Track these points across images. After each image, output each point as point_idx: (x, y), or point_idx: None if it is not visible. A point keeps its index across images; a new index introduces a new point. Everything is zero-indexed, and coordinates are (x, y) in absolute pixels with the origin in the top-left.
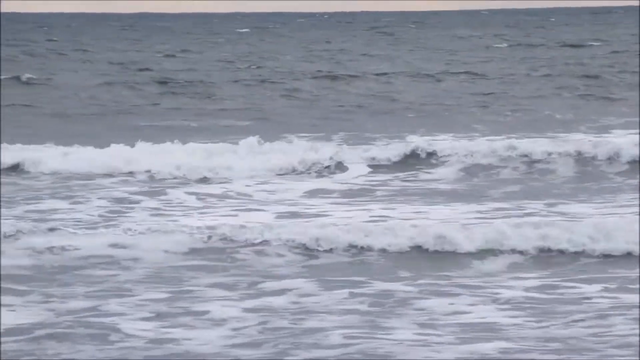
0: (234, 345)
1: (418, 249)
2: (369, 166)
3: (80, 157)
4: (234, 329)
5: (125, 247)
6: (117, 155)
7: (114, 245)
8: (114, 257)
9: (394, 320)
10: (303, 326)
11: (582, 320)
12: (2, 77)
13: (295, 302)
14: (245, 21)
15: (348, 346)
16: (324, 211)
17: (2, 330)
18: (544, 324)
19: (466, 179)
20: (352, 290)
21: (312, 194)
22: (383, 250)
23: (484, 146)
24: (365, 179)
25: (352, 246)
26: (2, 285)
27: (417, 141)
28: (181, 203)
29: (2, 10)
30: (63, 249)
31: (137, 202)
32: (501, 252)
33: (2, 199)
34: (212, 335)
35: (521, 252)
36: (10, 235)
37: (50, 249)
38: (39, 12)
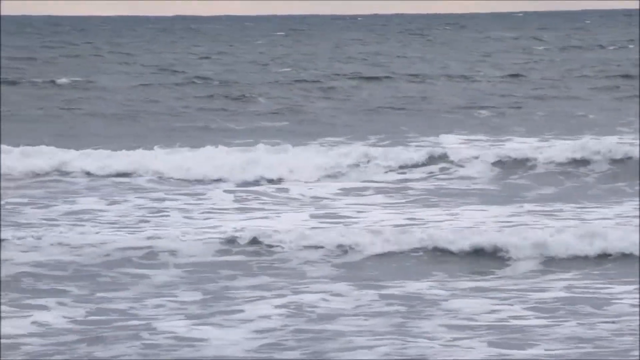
0: (260, 347)
1: (450, 251)
2: (402, 167)
3: (118, 159)
4: (263, 331)
5: (161, 247)
6: (154, 156)
7: (150, 245)
8: (149, 256)
9: (425, 322)
10: (333, 328)
11: (612, 322)
12: (41, 80)
13: (326, 304)
14: (280, 23)
15: (377, 348)
16: (358, 213)
17: (32, 331)
18: (573, 325)
19: (499, 181)
20: (383, 292)
21: (346, 195)
22: (415, 253)
23: (518, 147)
24: (398, 180)
25: (384, 248)
26: (38, 285)
27: (451, 141)
28: (215, 204)
29: (38, 13)
30: (99, 247)
31: (174, 202)
32: (533, 254)
33: (40, 199)
34: (240, 336)
35: (552, 255)
36: (45, 235)
37: (86, 248)
38: (76, 14)
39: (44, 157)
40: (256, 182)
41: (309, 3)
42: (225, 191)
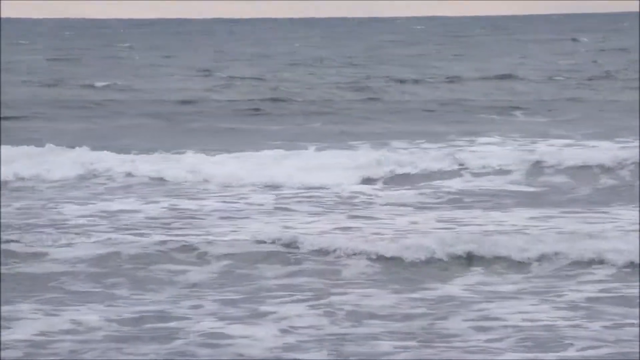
0: (287, 346)
1: (482, 253)
2: (437, 168)
3: (154, 160)
4: (290, 332)
5: (195, 249)
6: (191, 158)
7: (184, 246)
8: (183, 257)
9: (456, 324)
10: (362, 331)
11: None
12: (80, 83)
13: (358, 306)
14: (317, 25)
15: (404, 351)
16: (393, 215)
17: (63, 328)
18: (599, 327)
19: (533, 182)
20: (415, 295)
21: (380, 197)
22: (447, 254)
23: (554, 148)
24: (432, 181)
25: (417, 250)
26: (68, 287)
27: (486, 142)
28: (253, 205)
29: (79, 17)
30: (134, 247)
31: (212, 203)
32: (566, 256)
33: (77, 199)
34: (268, 335)
35: (584, 257)
36: (79, 234)
37: (122, 246)
38: (116, 17)
39: (82, 158)
40: (292, 184)
41: (347, 4)
42: (263, 193)
